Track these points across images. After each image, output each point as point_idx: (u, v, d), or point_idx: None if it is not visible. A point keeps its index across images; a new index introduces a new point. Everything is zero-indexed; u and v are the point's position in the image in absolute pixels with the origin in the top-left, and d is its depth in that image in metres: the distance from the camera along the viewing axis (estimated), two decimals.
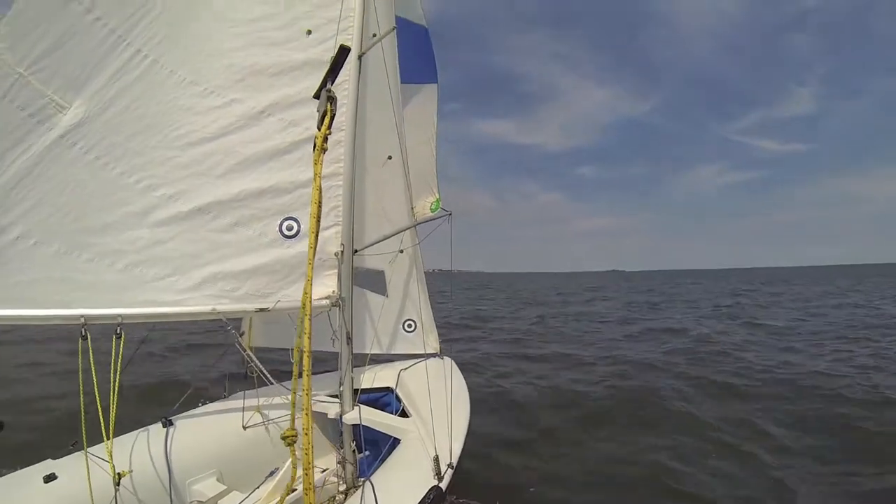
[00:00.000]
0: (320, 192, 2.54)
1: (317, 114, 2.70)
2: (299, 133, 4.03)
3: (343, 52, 2.75)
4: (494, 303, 35.17)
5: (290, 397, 4.62)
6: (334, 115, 2.64)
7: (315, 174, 2.55)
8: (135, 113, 3.58)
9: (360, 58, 4.18)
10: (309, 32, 4.05)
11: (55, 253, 3.37)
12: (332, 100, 2.64)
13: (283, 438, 2.90)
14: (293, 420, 2.91)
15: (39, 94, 3.30)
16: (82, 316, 3.30)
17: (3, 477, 3.45)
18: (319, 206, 2.56)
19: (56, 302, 3.33)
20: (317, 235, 2.51)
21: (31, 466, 3.54)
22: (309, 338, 2.39)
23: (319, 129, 2.60)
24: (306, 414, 2.24)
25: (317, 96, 2.77)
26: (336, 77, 2.76)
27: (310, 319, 2.34)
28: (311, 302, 2.34)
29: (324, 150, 2.61)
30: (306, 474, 2.14)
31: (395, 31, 4.67)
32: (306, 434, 2.23)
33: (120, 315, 3.42)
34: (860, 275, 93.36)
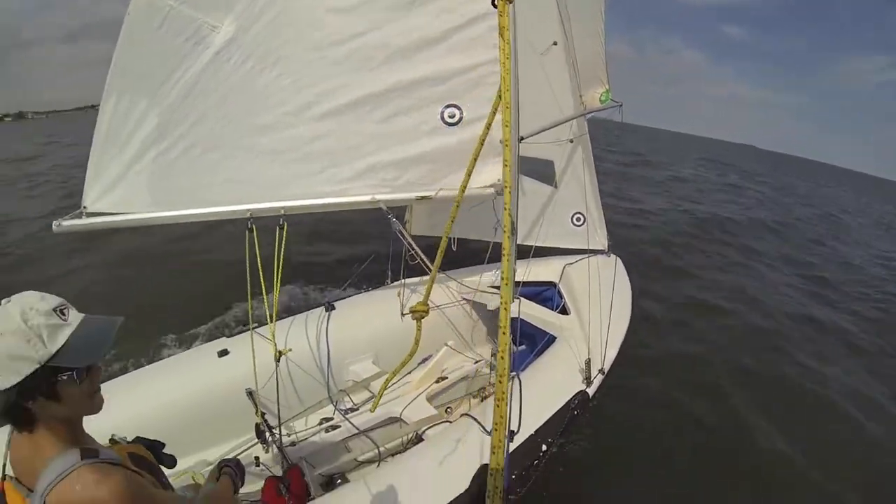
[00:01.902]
0: (512, 48, 2.41)
1: None
2: (454, 20, 3.85)
3: None
4: None
5: (449, 285, 4.68)
6: None
7: (500, 28, 2.39)
8: (284, 21, 3.65)
9: None
10: None
11: (221, 158, 3.72)
12: None
13: (412, 311, 3.15)
14: (427, 295, 3.05)
15: (191, 20, 3.50)
16: (248, 210, 3.60)
17: (186, 351, 4.18)
18: (510, 74, 2.45)
19: (225, 200, 3.68)
20: (503, 97, 2.39)
21: (208, 343, 4.17)
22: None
23: None
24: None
25: None
26: None
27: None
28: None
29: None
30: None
31: None
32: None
33: (283, 207, 3.67)
34: None
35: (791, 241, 14.99)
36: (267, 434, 3.53)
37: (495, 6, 2.66)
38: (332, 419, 3.95)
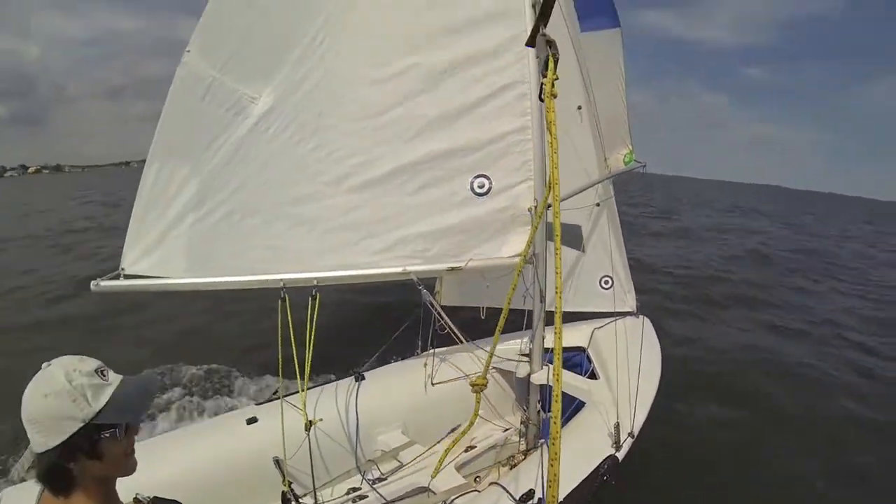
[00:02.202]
0: (556, 141, 2.52)
1: (537, 60, 2.87)
2: (483, 89, 3.97)
3: None
4: None
5: (478, 354, 4.74)
6: (557, 58, 2.57)
7: (548, 122, 2.60)
8: (320, 93, 3.86)
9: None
10: None
11: (258, 225, 3.88)
12: (550, 44, 2.63)
13: (472, 385, 3.24)
14: (486, 370, 3.00)
15: (232, 91, 3.78)
16: (282, 280, 3.70)
17: (214, 418, 4.26)
18: (556, 165, 2.56)
19: (260, 268, 3.83)
20: (552, 189, 2.49)
21: (238, 410, 4.23)
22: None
23: (545, 76, 2.60)
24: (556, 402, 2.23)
25: (531, 44, 2.80)
26: (547, 21, 2.71)
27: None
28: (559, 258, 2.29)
29: (553, 95, 2.61)
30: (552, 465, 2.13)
31: None
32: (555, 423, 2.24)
33: (316, 278, 3.76)
34: None
35: (809, 297, 14.08)
36: (293, 503, 3.54)
37: (542, 100, 2.76)
38: (359, 489, 3.93)
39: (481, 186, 4.03)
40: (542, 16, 2.69)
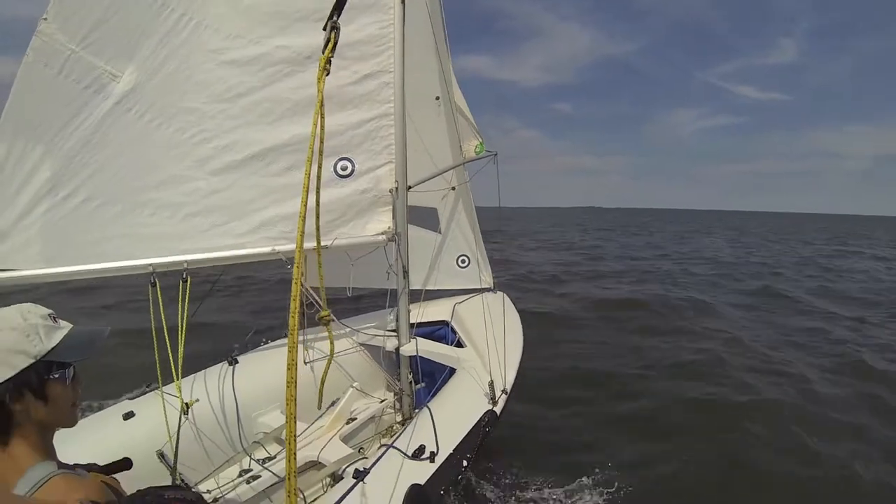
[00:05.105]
0: (322, 116, 2.56)
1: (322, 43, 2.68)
2: (347, 76, 4.09)
3: None
4: None
5: (348, 333, 4.80)
6: (337, 42, 2.66)
7: (318, 91, 2.51)
8: (184, 73, 3.73)
9: (403, 1, 4.18)
10: None
11: (119, 212, 3.64)
12: (335, 30, 2.67)
13: (319, 318, 3.46)
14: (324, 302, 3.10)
15: (92, 67, 3.48)
16: (150, 265, 3.54)
17: (88, 417, 3.82)
18: (322, 129, 2.63)
19: (124, 255, 3.59)
20: (320, 160, 2.54)
21: (112, 406, 3.93)
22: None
23: (324, 53, 2.62)
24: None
25: (326, 28, 2.78)
26: (341, 11, 2.72)
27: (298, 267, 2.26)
28: (301, 248, 2.28)
29: (326, 71, 2.62)
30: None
31: None
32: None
33: (185, 261, 3.64)
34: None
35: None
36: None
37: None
38: (250, 470, 3.85)
39: (344, 169, 4.16)
40: (337, 8, 2.73)
